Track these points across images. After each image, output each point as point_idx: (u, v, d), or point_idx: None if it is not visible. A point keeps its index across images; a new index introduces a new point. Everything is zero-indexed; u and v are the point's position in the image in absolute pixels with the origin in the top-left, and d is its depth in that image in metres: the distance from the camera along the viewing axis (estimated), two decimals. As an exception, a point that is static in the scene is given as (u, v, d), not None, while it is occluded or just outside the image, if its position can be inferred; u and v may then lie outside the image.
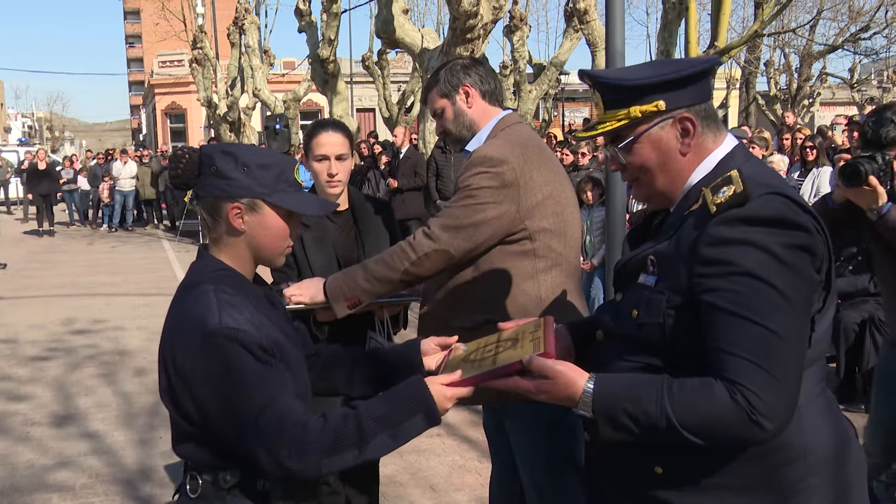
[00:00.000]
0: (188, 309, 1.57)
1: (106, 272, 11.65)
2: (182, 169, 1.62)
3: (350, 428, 1.48)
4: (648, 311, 1.52)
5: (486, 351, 1.72)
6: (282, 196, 1.63)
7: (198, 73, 23.30)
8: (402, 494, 4.03)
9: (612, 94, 1.57)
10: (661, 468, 1.52)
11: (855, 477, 1.57)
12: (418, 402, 1.52)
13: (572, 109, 31.34)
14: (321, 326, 2.64)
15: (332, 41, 14.21)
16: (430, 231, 2.27)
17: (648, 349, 1.54)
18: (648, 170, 1.58)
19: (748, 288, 1.40)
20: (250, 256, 1.67)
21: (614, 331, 1.64)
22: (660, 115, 1.54)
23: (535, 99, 15.75)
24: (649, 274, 1.55)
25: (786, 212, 1.42)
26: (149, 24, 38.13)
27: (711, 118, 1.57)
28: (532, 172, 2.30)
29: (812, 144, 7.32)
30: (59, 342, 7.48)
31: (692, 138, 1.55)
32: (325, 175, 2.69)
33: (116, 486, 4.20)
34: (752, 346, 1.39)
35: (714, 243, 1.43)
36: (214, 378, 1.50)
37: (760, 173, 1.51)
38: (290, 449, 1.47)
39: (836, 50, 21.89)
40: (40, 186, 17.58)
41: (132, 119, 63.96)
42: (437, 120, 2.52)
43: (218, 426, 1.53)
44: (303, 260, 2.71)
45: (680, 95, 1.53)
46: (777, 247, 1.40)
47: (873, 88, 27.71)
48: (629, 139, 1.57)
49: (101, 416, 5.32)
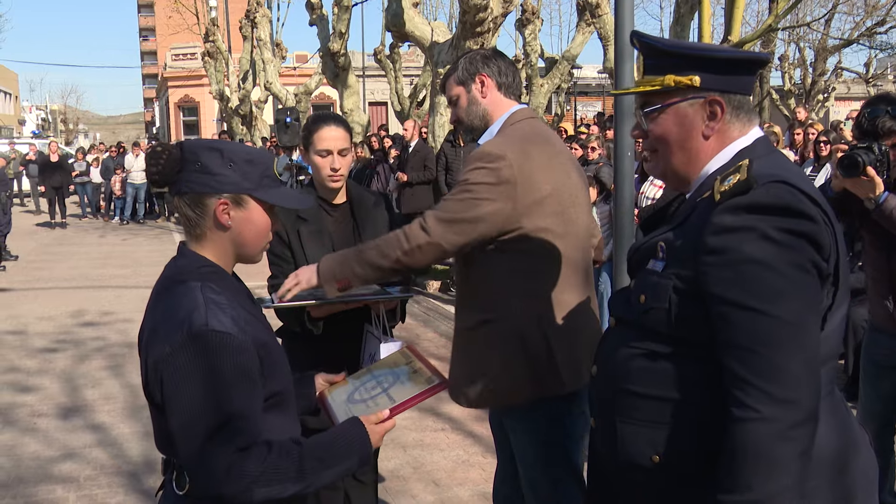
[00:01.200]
0: (174, 305, 1.54)
1: (117, 264, 11.73)
2: (163, 166, 1.59)
3: (291, 463, 1.53)
4: (655, 296, 1.51)
5: (372, 389, 1.97)
6: (266, 191, 1.64)
7: (210, 66, 23.39)
8: (404, 489, 4.02)
9: (653, 59, 1.58)
10: (659, 457, 1.50)
11: (860, 484, 1.52)
12: (357, 448, 1.64)
13: (585, 103, 31.22)
14: (316, 323, 2.62)
15: (342, 35, 14.21)
16: (425, 223, 2.25)
17: (654, 336, 1.52)
18: (668, 143, 1.58)
19: (751, 275, 1.38)
20: (233, 252, 1.67)
21: (624, 317, 1.64)
22: (692, 91, 1.54)
23: (547, 93, 15.70)
24: (658, 260, 1.54)
25: (789, 200, 1.39)
26: (162, 17, 38.22)
27: (744, 110, 1.57)
28: (533, 170, 2.26)
29: (826, 139, 7.25)
30: (68, 334, 7.52)
31: (717, 122, 1.55)
32: (329, 170, 2.68)
33: (120, 479, 4.21)
34: (761, 338, 1.36)
35: (717, 231, 1.42)
36: (188, 381, 1.47)
37: (778, 165, 1.49)
38: (230, 471, 1.46)
39: (851, 44, 21.74)
40: (53, 178, 17.66)
41: (146, 112, 64.24)
42: (452, 108, 2.51)
43: (171, 426, 1.51)
44: (299, 253, 2.70)
45: (717, 78, 1.53)
46: (778, 232, 1.37)
47: (889, 83, 27.45)
48: (657, 106, 1.58)
49: (108, 408, 5.34)
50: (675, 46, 1.57)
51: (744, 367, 1.37)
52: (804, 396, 1.36)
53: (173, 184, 1.61)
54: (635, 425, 1.54)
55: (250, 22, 21.08)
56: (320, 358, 2.60)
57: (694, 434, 1.47)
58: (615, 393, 1.58)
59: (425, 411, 5.07)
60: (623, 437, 1.56)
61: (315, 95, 23.43)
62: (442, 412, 5.09)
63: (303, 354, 2.56)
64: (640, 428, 1.53)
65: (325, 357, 2.38)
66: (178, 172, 1.60)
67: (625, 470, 1.58)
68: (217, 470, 1.46)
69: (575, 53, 15.77)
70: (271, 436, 1.55)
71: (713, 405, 1.43)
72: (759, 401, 1.35)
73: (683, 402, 1.48)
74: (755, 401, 1.35)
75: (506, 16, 9.34)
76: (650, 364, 1.53)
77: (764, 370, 1.36)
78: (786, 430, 1.34)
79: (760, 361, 1.36)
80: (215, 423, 1.46)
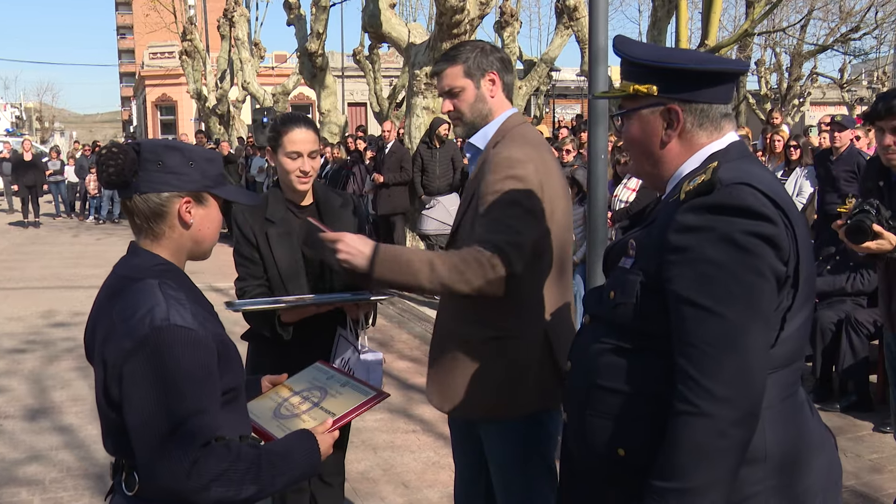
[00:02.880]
0: (133, 303, 1.54)
1: (90, 264, 11.62)
2: (119, 166, 1.58)
3: (249, 466, 1.53)
4: (623, 292, 1.55)
5: (299, 404, 1.99)
6: (224, 188, 1.68)
7: (188, 65, 23.21)
8: (373, 491, 4.01)
9: (624, 66, 1.65)
10: (624, 451, 1.53)
11: (820, 484, 1.54)
12: (308, 458, 1.66)
13: (564, 106, 31.36)
14: (286, 327, 2.60)
15: (320, 35, 14.16)
16: (504, 253, 2.08)
17: (621, 331, 1.56)
18: (634, 146, 1.65)
19: (707, 275, 1.41)
20: (188, 250, 1.69)
21: (596, 313, 1.68)
22: (652, 99, 1.59)
23: (526, 95, 15.74)
24: (628, 257, 1.59)
25: (751, 202, 1.41)
26: (140, 15, 37.92)
27: (709, 118, 1.58)
28: (549, 176, 2.23)
29: (796, 144, 7.33)
30: (38, 335, 7.42)
31: (675, 131, 1.58)
32: (298, 172, 2.66)
33: (87, 481, 4.16)
34: (710, 337, 1.39)
35: (679, 230, 1.45)
36: (150, 376, 1.47)
37: (748, 169, 1.51)
38: (193, 467, 1.46)
39: (826, 50, 21.98)
40: (26, 177, 17.45)
41: (123, 111, 63.61)
42: (450, 100, 2.33)
43: (131, 422, 1.50)
44: (268, 255, 2.68)
45: (676, 87, 1.57)
46: (737, 234, 1.40)
47: (863, 89, 27.82)
48: (624, 111, 1.66)
49: (76, 409, 5.27)
50: (637, 56, 1.60)
51: (690, 364, 1.41)
52: (743, 396, 1.39)
53: (129, 185, 1.61)
54: (602, 419, 1.57)
55: (228, 21, 20.96)
56: (287, 362, 2.56)
57: (657, 428, 1.48)
58: (587, 388, 1.61)
59: (397, 413, 5.06)
60: (591, 431, 1.59)
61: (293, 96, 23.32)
62: (413, 414, 5.08)
63: (269, 360, 2.54)
64: (607, 422, 1.56)
65: (293, 362, 2.36)
66: (136, 173, 1.60)
67: (593, 463, 1.60)
68: (180, 465, 1.45)
69: (553, 56, 15.84)
70: (225, 432, 1.55)
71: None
72: (700, 397, 1.39)
73: (646, 397, 1.51)
74: (696, 396, 1.39)
75: (483, 18, 9.36)
76: (616, 359, 1.56)
77: (708, 368, 1.39)
78: (722, 426, 1.38)
79: (706, 359, 1.40)
80: (178, 418, 1.46)
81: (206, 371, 1.52)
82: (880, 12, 21.54)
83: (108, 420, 1.59)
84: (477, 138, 2.35)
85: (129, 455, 1.57)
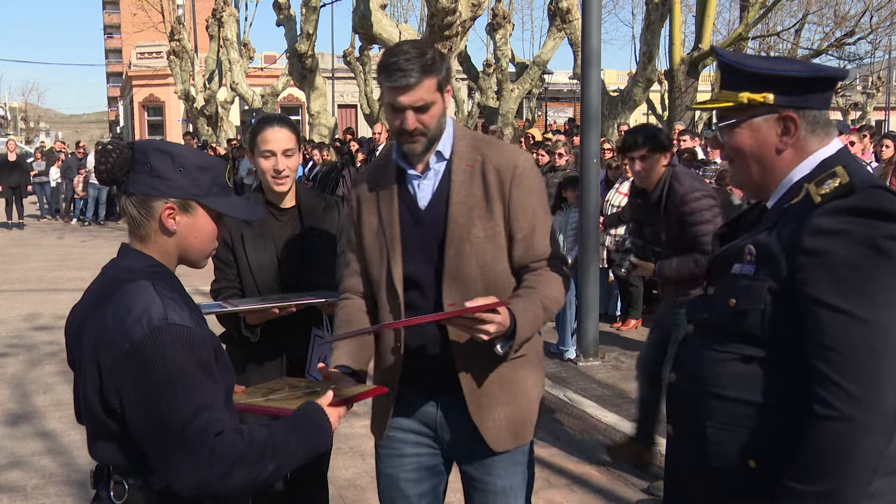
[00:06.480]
0: (127, 303, 1.51)
1: (74, 267, 11.47)
2: (112, 164, 1.57)
3: (264, 439, 1.51)
4: (748, 299, 1.53)
5: (289, 396, 1.88)
6: (215, 199, 1.64)
7: (175, 65, 23.07)
8: (361, 499, 3.93)
9: (729, 75, 1.64)
10: (755, 462, 1.52)
11: None
12: (319, 430, 1.62)
13: (556, 109, 31.43)
14: (253, 329, 2.55)
15: (310, 36, 14.09)
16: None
17: (746, 339, 1.54)
18: (743, 155, 1.64)
19: (847, 278, 1.42)
20: (176, 256, 1.66)
21: (707, 322, 1.66)
22: (767, 108, 1.59)
23: (518, 98, 15.74)
24: (747, 264, 1.57)
25: (890, 205, 1.43)
26: (127, 14, 37.72)
27: (820, 124, 1.60)
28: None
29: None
30: (21, 338, 7.30)
31: (791, 138, 1.59)
32: (272, 171, 2.61)
33: (69, 487, 4.07)
34: (851, 340, 1.40)
35: (817, 233, 1.45)
36: (156, 374, 1.44)
37: (865, 172, 1.55)
38: (212, 455, 1.43)
39: (820, 54, 22.02)
40: (10, 178, 17.27)
41: (110, 111, 63.25)
42: (418, 115, 1.99)
43: (135, 426, 1.47)
44: (242, 257, 2.65)
45: (791, 95, 1.58)
46: (879, 238, 1.41)
47: (857, 94, 27.99)
48: (732, 121, 1.64)
49: (59, 414, 5.17)
50: (750, 66, 1.61)
51: (830, 368, 1.41)
52: (884, 400, 1.39)
53: (122, 183, 1.60)
54: (728, 430, 1.56)
55: (217, 21, 20.86)
56: (260, 362, 2.66)
57: (788, 437, 1.48)
58: (702, 398, 1.60)
59: (387, 419, 4.98)
60: (717, 442, 1.57)
61: (283, 97, 23.24)
62: (404, 419, 5.00)
63: (243, 360, 2.57)
64: (734, 433, 1.55)
65: (267, 362, 2.42)
66: (127, 172, 1.59)
67: (717, 476, 1.58)
68: (199, 457, 1.42)
69: (546, 59, 15.84)
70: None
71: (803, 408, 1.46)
72: (842, 400, 1.39)
73: (777, 405, 1.50)
74: (837, 400, 1.40)
75: (474, 19, 9.31)
76: (742, 368, 1.55)
77: (849, 372, 1.40)
78: (863, 431, 1.39)
79: (847, 363, 1.40)
80: (189, 414, 1.43)
81: (208, 368, 1.51)
82: (875, 17, 21.69)
83: (100, 425, 1.54)
84: (443, 144, 2.08)
85: (120, 462, 1.54)
